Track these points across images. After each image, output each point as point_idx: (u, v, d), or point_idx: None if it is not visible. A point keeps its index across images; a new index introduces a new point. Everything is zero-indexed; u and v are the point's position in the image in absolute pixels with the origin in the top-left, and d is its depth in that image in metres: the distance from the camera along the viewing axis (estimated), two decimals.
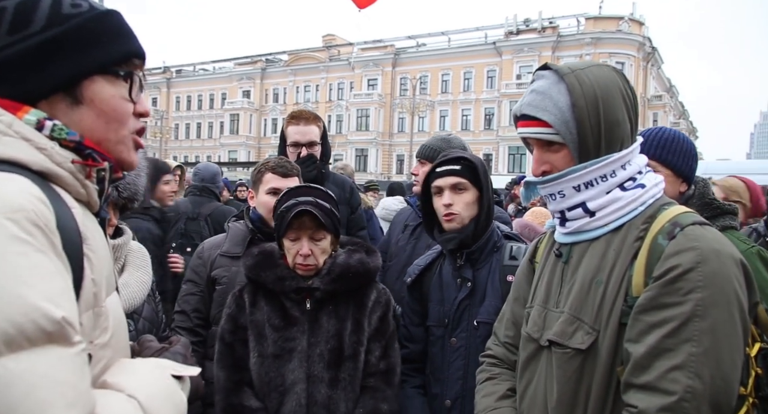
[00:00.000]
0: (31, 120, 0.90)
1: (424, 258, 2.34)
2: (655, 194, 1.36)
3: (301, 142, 3.00)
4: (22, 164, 0.85)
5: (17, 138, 0.86)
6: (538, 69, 1.48)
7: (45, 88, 0.93)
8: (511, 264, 2.08)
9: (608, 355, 1.26)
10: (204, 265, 2.52)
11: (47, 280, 0.76)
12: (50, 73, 0.93)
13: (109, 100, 0.98)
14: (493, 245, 2.17)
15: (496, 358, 1.69)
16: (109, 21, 1.01)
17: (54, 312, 0.73)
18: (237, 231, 2.58)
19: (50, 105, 0.94)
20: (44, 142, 0.89)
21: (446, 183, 2.12)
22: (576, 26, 45.14)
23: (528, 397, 1.46)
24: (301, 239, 1.98)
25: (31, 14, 0.93)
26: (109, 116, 0.99)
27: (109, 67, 0.99)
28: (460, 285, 2.13)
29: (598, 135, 1.34)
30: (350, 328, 1.98)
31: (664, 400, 1.13)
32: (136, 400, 0.88)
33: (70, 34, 0.94)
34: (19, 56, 0.91)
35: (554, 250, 1.49)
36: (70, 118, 0.95)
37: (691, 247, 1.19)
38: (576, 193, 1.37)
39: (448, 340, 2.11)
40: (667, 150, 2.10)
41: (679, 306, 1.16)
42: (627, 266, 1.28)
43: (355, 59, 53.30)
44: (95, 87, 0.97)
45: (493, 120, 47.04)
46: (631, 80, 8.53)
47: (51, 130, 0.91)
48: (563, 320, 1.35)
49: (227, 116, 58.11)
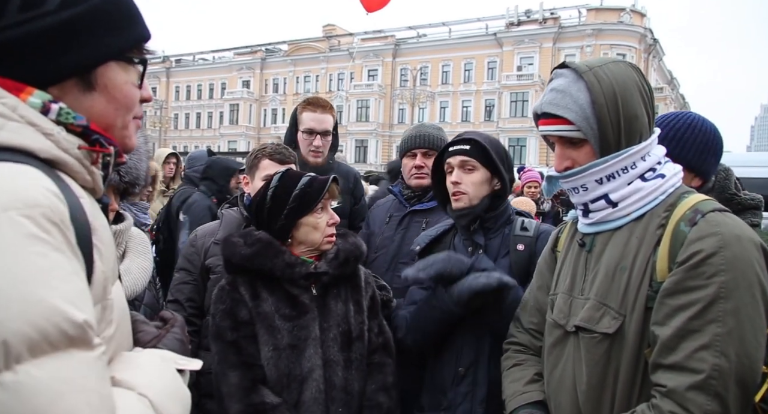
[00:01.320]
0: (36, 103, 0.84)
1: (434, 229, 2.37)
2: (674, 183, 1.43)
3: (317, 129, 2.94)
4: (29, 152, 0.80)
5: (23, 123, 0.81)
6: (556, 67, 1.54)
7: (61, 73, 0.88)
8: (522, 234, 2.14)
9: (635, 338, 1.32)
10: (198, 254, 2.46)
11: (67, 282, 0.73)
12: (68, 58, 0.87)
13: (122, 86, 0.95)
14: (507, 218, 2.22)
15: (521, 345, 1.74)
16: (124, 2, 0.96)
17: (76, 315, 0.70)
18: (231, 218, 2.53)
19: (61, 89, 0.89)
20: (50, 127, 0.84)
21: (455, 161, 2.17)
22: (577, 17, 44.95)
23: (555, 381, 1.52)
24: (327, 208, 2.01)
25: None
26: (120, 102, 0.96)
27: (124, 53, 0.95)
28: (471, 253, 2.16)
29: (618, 129, 1.40)
30: (353, 309, 2.01)
31: (692, 378, 1.19)
32: (147, 399, 0.85)
33: (87, 16, 0.89)
34: (32, 37, 0.84)
35: (577, 240, 1.55)
36: (81, 103, 0.91)
37: (713, 232, 1.25)
38: (598, 186, 1.44)
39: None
40: (676, 142, 1.93)
41: (703, 289, 1.22)
42: (650, 252, 1.34)
43: (356, 49, 53.11)
44: (110, 73, 0.93)
45: (494, 111, 46.95)
46: None
47: (57, 114, 0.86)
48: (590, 306, 1.42)
49: (227, 106, 57.97)
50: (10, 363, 0.61)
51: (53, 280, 0.70)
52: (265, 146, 2.57)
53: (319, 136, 2.94)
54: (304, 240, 1.99)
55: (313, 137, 2.93)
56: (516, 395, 1.61)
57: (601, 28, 42.63)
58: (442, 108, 49.75)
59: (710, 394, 1.16)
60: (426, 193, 2.75)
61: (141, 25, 0.99)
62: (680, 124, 1.93)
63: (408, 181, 2.86)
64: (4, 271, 0.66)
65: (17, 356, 0.62)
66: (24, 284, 0.67)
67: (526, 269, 2.06)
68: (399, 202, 2.91)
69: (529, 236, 2.13)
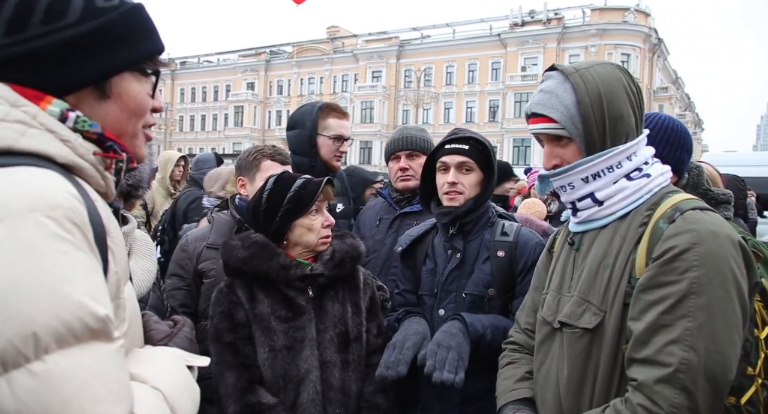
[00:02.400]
0: (55, 111, 0.90)
1: (416, 229, 2.37)
2: (660, 183, 1.45)
3: (345, 136, 2.99)
4: (48, 157, 0.85)
5: (42, 130, 0.86)
6: (546, 70, 1.58)
7: (78, 82, 0.93)
8: (502, 240, 2.14)
9: (614, 334, 1.34)
10: (189, 258, 2.43)
11: (89, 278, 0.77)
12: (84, 68, 0.93)
13: (135, 96, 1.00)
14: (486, 220, 2.20)
15: (517, 344, 1.77)
16: (139, 16, 1.01)
17: (98, 310, 0.75)
18: (222, 221, 2.51)
19: (77, 97, 0.94)
20: (68, 134, 0.90)
21: (453, 160, 2.15)
22: (581, 17, 44.86)
23: (542, 377, 1.54)
24: (321, 210, 2.03)
25: (66, 5, 0.92)
26: (133, 111, 1.01)
27: (139, 64, 1.01)
28: (450, 256, 2.17)
29: (603, 129, 1.43)
30: (351, 310, 2.02)
31: (660, 371, 1.21)
32: (160, 392, 0.89)
33: (104, 29, 0.94)
34: (53, 48, 0.90)
35: (568, 239, 1.58)
36: (96, 111, 0.96)
37: (689, 229, 1.27)
38: (585, 185, 1.46)
39: (436, 311, 2.15)
40: (651, 140, 2.02)
41: (675, 284, 1.23)
42: (631, 250, 1.36)
43: (360, 51, 53.13)
44: (124, 83, 0.98)
45: (498, 112, 46.91)
46: (636, 72, 8.45)
47: (74, 122, 0.91)
48: (573, 302, 1.45)
49: (231, 108, 58.12)
50: (39, 353, 0.66)
51: (76, 277, 0.74)
52: (262, 148, 2.56)
53: (345, 142, 3.01)
54: (299, 241, 2.00)
55: (341, 143, 2.99)
56: (505, 392, 1.64)
57: (605, 28, 42.51)
58: (446, 109, 49.73)
59: (677, 387, 1.18)
60: (415, 195, 2.76)
61: (155, 39, 1.04)
62: (653, 124, 1.99)
63: (394, 184, 2.88)
64: (32, 269, 0.70)
65: (46, 347, 0.66)
66: (50, 280, 0.71)
67: (507, 275, 2.07)
68: (388, 204, 2.93)
69: (509, 241, 2.12)
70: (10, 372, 0.64)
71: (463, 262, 2.14)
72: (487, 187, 2.18)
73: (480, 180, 2.16)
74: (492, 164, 2.16)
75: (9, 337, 0.64)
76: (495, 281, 2.08)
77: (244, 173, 2.55)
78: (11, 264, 0.69)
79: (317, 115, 3.00)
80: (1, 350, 0.64)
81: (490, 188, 2.18)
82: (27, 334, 0.65)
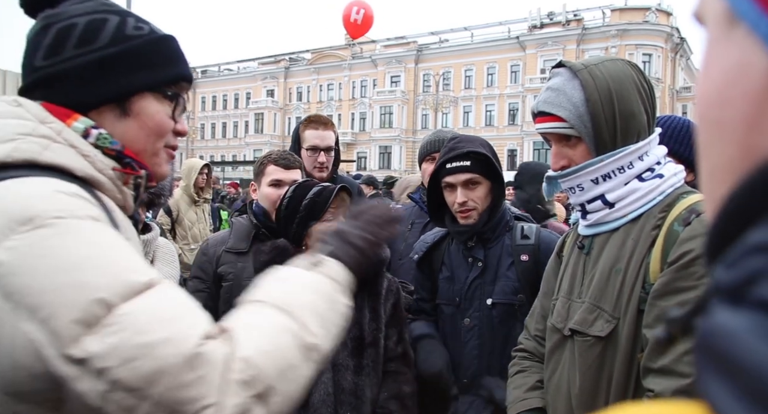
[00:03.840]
0: (79, 127, 0.97)
1: (431, 235, 2.35)
2: (673, 184, 1.38)
3: (320, 146, 2.99)
4: (68, 170, 0.92)
5: (65, 145, 0.94)
6: (553, 67, 1.52)
7: (99, 99, 1.01)
8: (523, 243, 2.10)
9: (628, 342, 1.28)
10: (210, 262, 2.50)
11: (132, 253, 0.87)
12: (106, 86, 1.01)
13: (153, 115, 1.07)
14: (504, 225, 2.17)
15: (527, 352, 1.72)
16: (165, 45, 1.10)
17: (146, 271, 0.85)
18: (241, 226, 2.58)
19: (99, 114, 1.02)
20: (88, 149, 0.96)
21: (458, 180, 2.09)
22: (601, 18, 44.41)
23: (553, 386, 1.49)
24: (337, 217, 2.03)
25: (98, 32, 1.01)
26: (151, 130, 1.07)
27: (159, 86, 1.07)
28: (471, 264, 2.14)
29: (613, 128, 1.36)
30: (369, 316, 2.02)
31: (679, 382, 1.15)
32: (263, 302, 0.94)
33: (129, 52, 1.03)
34: (81, 68, 0.99)
35: (577, 242, 1.52)
36: (116, 127, 1.03)
37: (706, 232, 1.19)
38: (594, 186, 1.40)
39: (460, 321, 2.12)
40: (674, 140, 2.06)
41: (692, 290, 1.17)
42: (644, 254, 1.30)
43: (378, 56, 53.29)
44: (144, 103, 1.06)
45: (518, 115, 46.61)
46: (658, 72, 8.36)
47: (96, 138, 0.99)
48: (584, 309, 1.39)
49: (252, 115, 58.62)
50: (107, 311, 0.76)
51: (123, 252, 0.85)
52: (270, 153, 2.62)
53: (322, 152, 3.00)
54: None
55: (317, 154, 2.99)
56: (517, 401, 1.59)
57: (625, 28, 42.03)
58: (465, 113, 49.56)
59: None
60: None
61: (179, 65, 1.12)
62: (675, 124, 2.01)
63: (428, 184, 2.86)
64: (91, 250, 0.80)
65: (113, 305, 0.76)
66: (107, 255, 0.82)
67: (534, 279, 2.03)
68: (420, 209, 2.92)
69: (531, 244, 2.09)
70: (92, 330, 0.74)
71: (485, 270, 2.11)
72: (499, 195, 2.13)
73: (489, 190, 2.12)
74: (497, 171, 2.11)
75: (83, 302, 0.74)
76: (522, 286, 2.05)
77: (254, 179, 2.63)
78: (69, 249, 0.78)
79: (300, 128, 3.08)
80: (80, 315, 0.74)
81: (502, 195, 2.14)
82: (97, 298, 0.75)
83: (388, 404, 1.98)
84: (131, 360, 0.74)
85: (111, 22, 1.03)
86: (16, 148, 0.89)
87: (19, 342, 0.74)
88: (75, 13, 1.02)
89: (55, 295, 0.74)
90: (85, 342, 0.73)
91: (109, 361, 0.73)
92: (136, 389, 0.73)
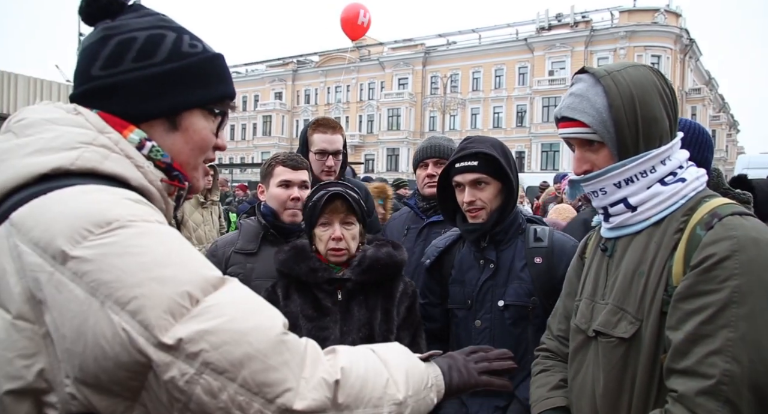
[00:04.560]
0: (135, 139, 1.02)
1: (443, 240, 2.35)
2: (696, 187, 1.40)
3: (328, 150, 3.00)
4: (125, 180, 0.96)
5: (122, 155, 0.98)
6: (576, 73, 1.54)
7: (153, 113, 1.05)
8: (537, 246, 2.11)
9: (651, 343, 1.31)
10: (219, 263, 2.53)
11: (197, 252, 0.93)
12: (160, 101, 1.05)
13: (200, 131, 1.11)
14: (517, 227, 2.18)
15: (549, 351, 1.74)
16: (216, 63, 1.14)
17: (217, 271, 0.91)
18: (249, 227, 2.61)
19: (150, 126, 1.06)
20: (142, 161, 1.01)
21: (465, 179, 2.12)
22: (610, 20, 44.28)
23: (577, 386, 1.51)
24: (333, 224, 2.07)
25: (157, 47, 1.06)
26: (196, 144, 1.12)
27: (208, 104, 1.12)
28: (482, 266, 2.15)
29: (635, 133, 1.39)
30: (380, 317, 2.05)
31: (702, 383, 1.17)
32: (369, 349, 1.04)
33: (184, 70, 1.07)
34: (139, 82, 1.03)
35: (600, 244, 1.55)
36: (164, 140, 1.07)
37: (728, 236, 1.22)
38: (617, 190, 1.43)
39: (472, 322, 2.13)
40: (689, 145, 2.07)
41: (715, 293, 1.19)
42: (667, 257, 1.32)
43: (385, 59, 53.37)
44: (193, 119, 1.10)
45: (526, 117, 46.54)
46: (667, 74, 8.33)
47: (149, 151, 1.03)
48: (607, 310, 1.41)
49: (260, 118, 58.91)
50: (194, 302, 0.82)
51: (194, 252, 0.91)
52: (278, 155, 2.65)
53: (330, 155, 3.00)
54: (319, 249, 2.11)
55: (326, 157, 2.99)
56: (540, 400, 1.61)
57: (634, 29, 41.88)
58: (473, 115, 49.56)
59: (720, 399, 1.14)
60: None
61: (227, 84, 1.17)
62: (689, 127, 2.02)
63: (422, 190, 2.90)
64: (169, 248, 0.86)
65: (197, 298, 0.83)
66: (183, 254, 0.88)
67: (547, 282, 2.04)
68: (415, 214, 2.94)
69: (545, 247, 2.10)
70: (179, 320, 0.80)
71: (497, 272, 2.12)
72: (510, 195, 2.14)
73: (498, 190, 2.12)
74: (507, 172, 2.11)
75: (170, 295, 0.80)
76: (536, 289, 2.06)
77: (262, 180, 2.66)
78: (148, 247, 0.84)
79: (308, 131, 3.09)
80: (169, 306, 0.80)
81: (513, 196, 2.14)
82: (182, 291, 0.81)
83: None
84: (223, 345, 0.80)
85: (168, 38, 1.08)
86: (80, 157, 0.92)
87: (106, 334, 0.78)
88: (135, 27, 1.06)
89: (143, 289, 0.79)
90: (176, 330, 0.79)
91: (202, 346, 0.79)
92: (225, 371, 0.80)
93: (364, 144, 52.97)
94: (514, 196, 2.15)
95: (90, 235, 0.81)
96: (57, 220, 0.82)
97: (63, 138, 0.94)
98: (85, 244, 0.80)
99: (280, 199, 2.50)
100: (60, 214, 0.83)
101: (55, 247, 0.80)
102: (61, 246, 0.80)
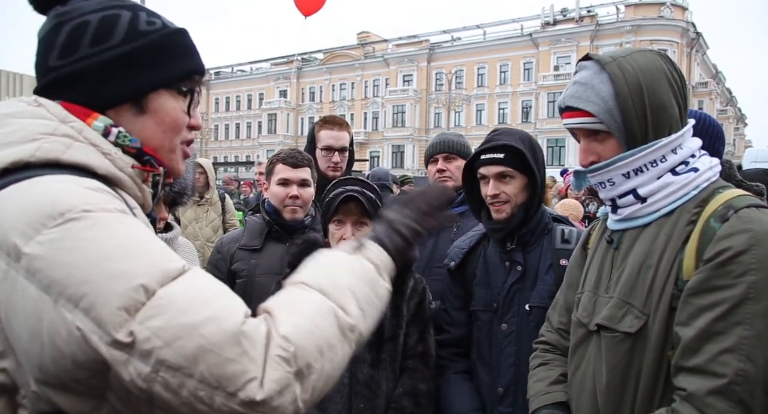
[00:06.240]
0: (99, 126, 0.97)
1: (466, 240, 2.27)
2: (709, 178, 1.34)
3: (335, 146, 3.02)
4: (90, 168, 0.92)
5: (86, 144, 0.94)
6: (580, 60, 1.48)
7: (117, 98, 1.01)
8: (564, 247, 2.04)
9: (658, 339, 1.26)
10: (224, 260, 2.57)
11: (159, 242, 0.88)
12: (123, 84, 1.01)
13: (170, 112, 1.07)
14: (543, 227, 2.11)
15: (549, 344, 1.70)
16: (178, 39, 1.09)
17: (177, 261, 0.86)
18: (254, 224, 2.64)
19: (117, 112, 1.01)
20: (109, 148, 0.97)
21: (490, 172, 2.05)
22: (615, 14, 44.04)
23: (577, 382, 1.47)
24: (346, 224, 2.07)
25: (112, 29, 1.01)
26: (168, 126, 1.07)
27: (174, 83, 1.07)
28: (509, 268, 2.08)
29: (644, 121, 1.33)
30: (390, 312, 2.03)
31: (714, 382, 1.12)
32: (304, 284, 0.95)
33: (144, 49, 1.02)
34: (98, 67, 0.99)
35: (606, 236, 1.49)
36: (133, 125, 1.03)
37: (744, 229, 1.17)
38: (626, 180, 1.37)
39: (497, 326, 2.06)
40: (703, 135, 2.05)
41: (730, 288, 1.14)
42: (678, 250, 1.27)
43: (390, 55, 53.27)
44: (160, 100, 1.05)
45: (531, 113, 46.39)
46: None
47: (116, 137, 0.99)
48: (612, 304, 1.36)
49: (265, 116, 58.99)
50: (149, 296, 0.78)
51: (154, 242, 0.87)
52: (280, 152, 2.67)
53: (337, 152, 3.02)
54: (331, 245, 2.10)
55: (332, 154, 3.01)
56: (539, 395, 1.57)
57: (640, 23, 41.63)
58: (478, 111, 49.42)
59: (732, 400, 1.09)
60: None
61: (193, 60, 1.11)
62: (699, 117, 1.96)
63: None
64: (123, 240, 0.81)
65: (153, 290, 0.78)
66: (139, 245, 0.83)
67: None
68: None
69: (572, 249, 1.99)
70: (136, 315, 0.76)
71: (525, 275, 2.05)
72: (535, 191, 2.06)
73: (524, 185, 2.04)
74: (532, 167, 2.04)
75: (122, 290, 0.76)
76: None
77: (266, 178, 2.69)
78: (102, 240, 0.79)
79: (315, 128, 3.12)
80: (122, 301, 0.76)
81: (539, 192, 2.06)
82: (136, 285, 0.77)
83: (402, 400, 1.97)
84: (175, 340, 0.76)
85: (123, 17, 1.03)
86: (39, 148, 0.89)
87: (62, 332, 0.75)
88: (87, 10, 1.01)
89: (96, 285, 0.76)
90: (130, 327, 0.75)
91: (155, 343, 0.75)
92: (181, 368, 0.76)
93: (369, 141, 52.92)
94: (540, 194, 2.07)
95: (43, 228, 0.78)
96: (10, 215, 0.79)
97: (22, 131, 0.91)
98: (38, 239, 0.77)
99: (279, 197, 2.52)
100: (13, 208, 0.80)
101: (9, 244, 0.78)
102: (15, 242, 0.77)
